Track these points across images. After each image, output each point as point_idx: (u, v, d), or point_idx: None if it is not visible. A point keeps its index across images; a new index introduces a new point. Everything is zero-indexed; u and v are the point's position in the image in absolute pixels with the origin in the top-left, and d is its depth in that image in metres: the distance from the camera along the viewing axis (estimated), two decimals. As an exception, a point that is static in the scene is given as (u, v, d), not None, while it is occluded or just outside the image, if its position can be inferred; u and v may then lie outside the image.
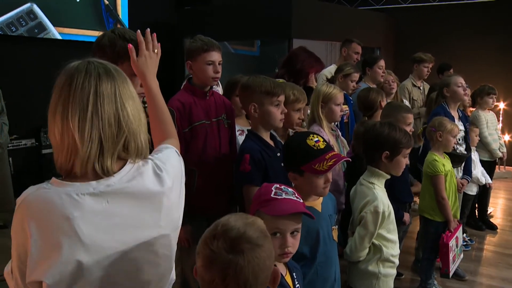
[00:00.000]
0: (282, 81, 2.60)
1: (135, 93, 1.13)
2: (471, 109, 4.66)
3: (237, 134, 2.66)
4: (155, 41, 1.52)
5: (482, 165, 4.13)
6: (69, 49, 5.62)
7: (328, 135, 2.73)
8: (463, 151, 3.32)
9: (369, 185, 2.09)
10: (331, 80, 3.84)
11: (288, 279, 1.46)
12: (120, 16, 6.40)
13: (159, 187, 1.10)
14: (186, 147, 2.29)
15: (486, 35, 6.89)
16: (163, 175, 1.12)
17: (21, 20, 5.37)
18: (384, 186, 2.33)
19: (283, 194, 1.43)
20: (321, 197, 1.84)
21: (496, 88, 4.60)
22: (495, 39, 6.84)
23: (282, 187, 1.46)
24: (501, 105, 6.89)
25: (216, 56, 2.29)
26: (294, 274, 1.49)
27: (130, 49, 1.47)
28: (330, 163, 1.71)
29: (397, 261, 2.14)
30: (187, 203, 2.27)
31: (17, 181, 5.01)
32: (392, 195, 2.68)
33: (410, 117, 2.89)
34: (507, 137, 6.99)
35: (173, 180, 1.15)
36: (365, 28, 6.70)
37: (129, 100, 1.08)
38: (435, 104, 3.60)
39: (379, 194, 2.05)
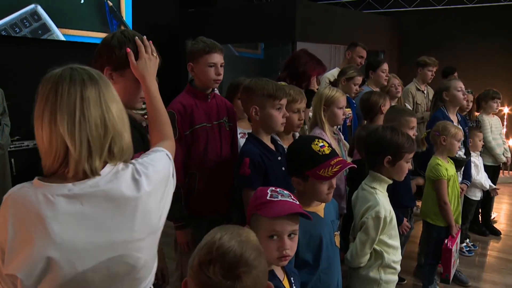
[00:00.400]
0: (284, 84, 2.58)
1: (118, 96, 1.18)
2: (476, 114, 4.63)
3: (239, 137, 2.64)
4: (153, 47, 1.57)
5: (486, 170, 4.10)
6: (73, 51, 5.63)
7: (330, 139, 2.71)
8: (463, 156, 3.30)
9: (371, 190, 2.07)
10: (334, 83, 3.82)
11: (286, 284, 1.44)
12: (124, 18, 6.40)
13: (135, 192, 1.12)
14: (187, 150, 2.28)
15: (491, 39, 6.85)
16: (141, 180, 1.14)
17: (25, 21, 5.38)
18: (387, 191, 2.31)
19: (279, 196, 1.41)
20: (324, 203, 1.82)
21: (501, 93, 4.57)
22: (500, 43, 6.80)
23: (278, 190, 1.45)
24: (506, 110, 6.84)
25: (218, 58, 2.27)
26: (292, 279, 1.47)
27: (129, 53, 1.51)
28: (335, 169, 1.69)
29: (399, 268, 2.11)
30: (188, 206, 2.29)
31: (20, 182, 5.01)
32: (394, 200, 2.66)
33: (414, 121, 2.87)
34: (512, 142, 6.95)
35: (154, 185, 1.17)
36: (369, 31, 6.68)
37: (113, 103, 1.13)
38: (434, 108, 3.57)
39: (381, 200, 2.02)
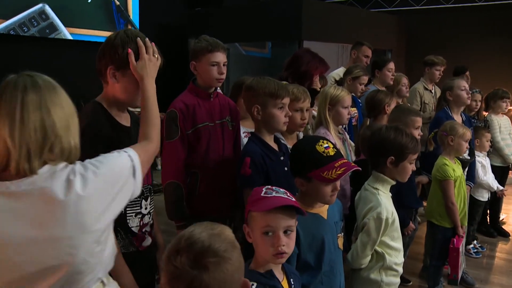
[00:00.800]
0: (285, 83, 2.56)
1: (66, 101, 1.22)
2: (485, 113, 4.58)
3: (243, 136, 2.63)
4: (155, 48, 1.61)
5: (495, 171, 4.05)
6: (80, 49, 5.66)
7: (335, 139, 2.69)
8: (466, 156, 3.26)
9: (373, 191, 2.04)
10: (340, 82, 3.80)
11: (285, 285, 1.43)
12: (131, 17, 6.42)
13: (64, 192, 1.14)
14: (189, 149, 2.27)
15: (500, 38, 6.77)
16: (75, 181, 1.16)
17: (33, 21, 5.42)
18: (391, 192, 2.28)
19: (273, 193, 1.40)
20: (327, 205, 1.79)
21: (510, 92, 4.51)
22: (510, 42, 6.72)
23: (273, 188, 1.44)
24: (515, 109, 6.77)
25: (221, 57, 2.26)
26: (292, 280, 1.45)
27: (130, 53, 1.54)
28: (339, 172, 1.66)
29: (401, 270, 2.08)
30: (189, 206, 2.28)
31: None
32: (399, 201, 2.63)
33: (419, 121, 2.83)
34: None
35: (94, 186, 1.19)
36: (377, 30, 6.64)
37: (56, 108, 1.17)
38: (438, 108, 3.53)
39: (383, 201, 1.99)
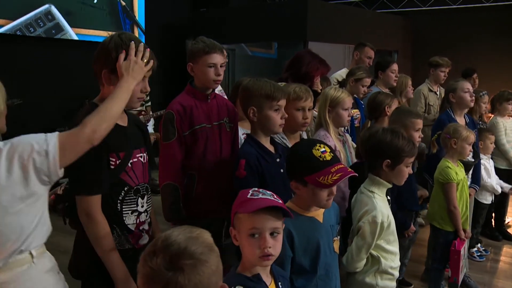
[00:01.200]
0: (285, 85, 2.55)
1: None
2: (490, 115, 4.53)
3: (242, 138, 2.62)
4: (147, 53, 1.65)
5: (500, 174, 4.00)
6: (86, 50, 5.69)
7: (335, 141, 2.67)
8: (470, 159, 3.22)
9: (369, 194, 2.02)
10: (342, 84, 3.78)
11: (273, 288, 1.42)
12: (137, 17, 6.45)
13: None
14: (186, 151, 2.27)
15: (509, 39, 6.70)
16: None
17: (39, 21, 5.47)
18: (392, 194, 2.26)
19: (260, 195, 1.40)
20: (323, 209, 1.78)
21: (517, 94, 4.45)
22: (518, 43, 6.67)
23: (260, 190, 1.43)
24: (522, 112, 6.68)
25: (218, 59, 2.25)
26: (280, 284, 1.44)
27: (122, 53, 1.61)
28: (336, 178, 1.64)
29: (397, 274, 2.06)
30: (186, 208, 2.28)
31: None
32: (399, 203, 2.61)
33: (419, 123, 2.80)
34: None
35: (5, 156, 1.36)
36: (382, 31, 6.61)
37: None
38: (441, 110, 3.50)
39: (379, 204, 1.97)
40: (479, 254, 3.93)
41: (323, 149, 1.71)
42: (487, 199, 3.87)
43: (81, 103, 1.58)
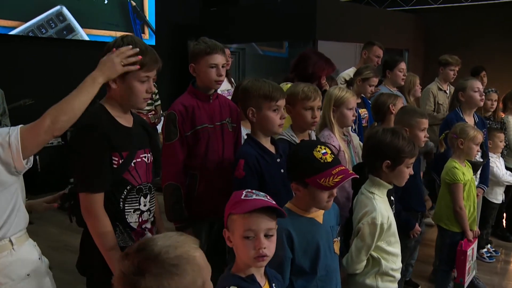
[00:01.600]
0: (292, 84, 2.55)
1: None
2: (502, 114, 4.46)
3: (245, 138, 2.63)
4: (131, 59, 1.69)
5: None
6: (97, 50, 5.75)
7: (339, 141, 2.66)
8: (479, 159, 3.17)
9: (369, 195, 2.00)
10: (349, 83, 3.76)
11: (267, 290, 1.42)
12: (147, 17, 6.49)
13: None
14: (189, 151, 2.29)
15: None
16: None
17: (51, 22, 5.54)
18: (396, 194, 2.24)
19: (254, 196, 1.39)
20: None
21: (530, 93, 4.37)
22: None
23: (254, 191, 1.43)
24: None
25: (220, 59, 2.26)
26: (274, 286, 1.44)
27: (112, 51, 1.70)
28: (337, 180, 1.62)
29: (399, 275, 2.04)
30: (188, 207, 2.30)
31: (44, 178, 5.18)
32: (404, 204, 2.59)
33: (425, 122, 2.75)
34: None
35: None
36: (393, 29, 6.55)
37: None
38: (450, 109, 3.45)
39: (379, 205, 1.95)
40: (489, 255, 3.88)
41: (324, 151, 1.70)
42: (498, 199, 3.81)
43: (93, 102, 1.64)
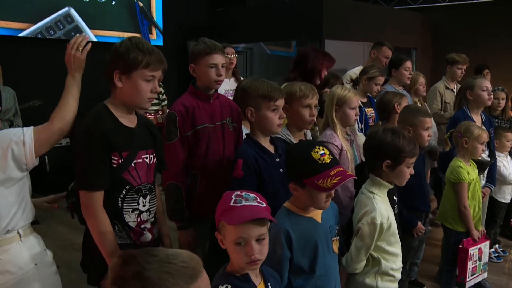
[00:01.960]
0: (288, 83, 2.55)
1: None
2: (511, 113, 4.41)
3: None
4: (82, 56, 1.84)
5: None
6: (105, 51, 5.79)
7: (342, 140, 2.65)
8: (486, 158, 3.14)
9: (369, 195, 1.99)
10: (355, 82, 3.75)
11: (262, 289, 1.42)
12: (155, 18, 6.53)
13: None
14: (189, 151, 2.30)
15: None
16: None
17: (59, 24, 5.60)
18: (398, 194, 2.23)
19: (243, 201, 1.39)
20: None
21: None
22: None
23: (243, 194, 1.42)
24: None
25: (219, 59, 2.27)
26: (269, 284, 1.45)
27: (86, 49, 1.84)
28: (335, 181, 1.62)
29: (399, 275, 2.02)
30: (189, 207, 2.30)
31: (53, 178, 5.23)
32: (408, 203, 2.57)
33: (428, 121, 2.73)
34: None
35: None
36: (401, 28, 6.50)
37: None
38: (457, 108, 3.42)
39: (378, 205, 1.94)
40: (497, 255, 3.84)
41: (322, 152, 1.69)
42: (506, 198, 3.77)
43: (96, 103, 1.73)
